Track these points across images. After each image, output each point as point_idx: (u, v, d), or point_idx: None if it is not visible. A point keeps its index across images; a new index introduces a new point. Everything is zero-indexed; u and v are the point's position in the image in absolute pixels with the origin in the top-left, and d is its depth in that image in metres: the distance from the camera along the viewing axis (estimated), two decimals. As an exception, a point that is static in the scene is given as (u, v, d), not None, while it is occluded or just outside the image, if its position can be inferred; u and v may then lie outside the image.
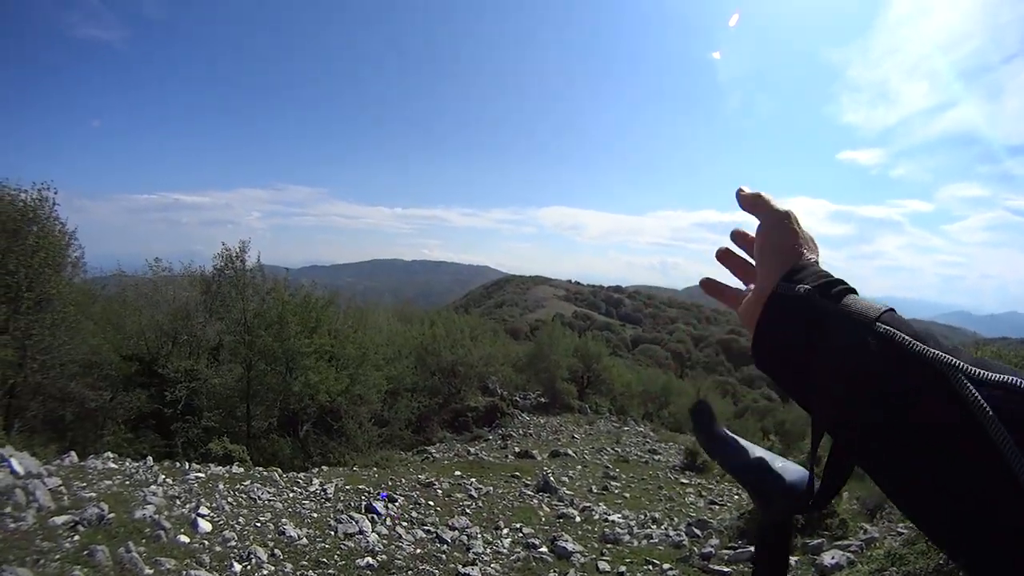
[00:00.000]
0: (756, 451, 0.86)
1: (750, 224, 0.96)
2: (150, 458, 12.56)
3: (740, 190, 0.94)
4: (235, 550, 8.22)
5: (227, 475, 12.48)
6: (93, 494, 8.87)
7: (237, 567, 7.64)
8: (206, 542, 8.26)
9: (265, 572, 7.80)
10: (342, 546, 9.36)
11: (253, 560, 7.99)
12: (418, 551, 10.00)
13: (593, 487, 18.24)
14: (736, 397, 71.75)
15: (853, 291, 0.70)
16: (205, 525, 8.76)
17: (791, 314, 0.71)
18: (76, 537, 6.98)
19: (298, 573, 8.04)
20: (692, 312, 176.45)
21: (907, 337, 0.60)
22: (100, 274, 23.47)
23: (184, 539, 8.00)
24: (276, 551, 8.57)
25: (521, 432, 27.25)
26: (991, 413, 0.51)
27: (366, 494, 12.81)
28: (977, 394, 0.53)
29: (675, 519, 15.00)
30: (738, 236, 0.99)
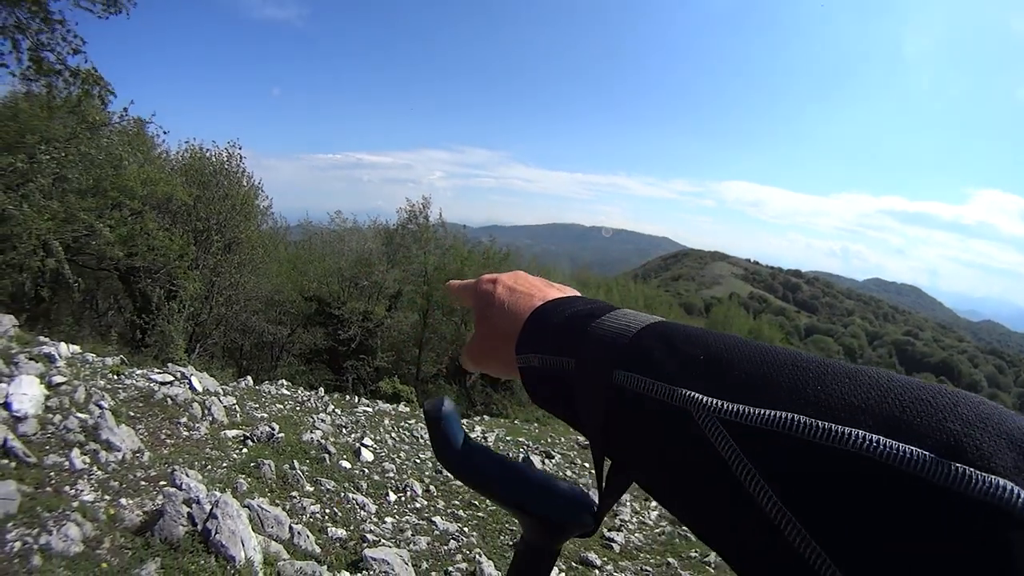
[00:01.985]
0: (529, 469, 0.70)
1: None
2: (321, 389, 13.05)
3: (448, 283, 0.93)
4: (392, 480, 8.33)
5: (393, 412, 12.84)
6: (265, 415, 9.27)
7: (392, 496, 7.70)
8: (366, 470, 8.40)
9: (418, 505, 7.82)
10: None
11: (408, 492, 8.05)
12: (567, 509, 9.81)
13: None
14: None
15: (602, 314, 0.64)
16: (367, 454, 8.96)
17: (536, 382, 0.67)
18: (244, 450, 7.25)
19: (449, 511, 8.00)
20: (870, 306, 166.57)
21: (645, 381, 0.54)
22: (288, 224, 24.87)
23: (346, 464, 8.16)
24: (431, 487, 8.60)
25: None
26: (738, 451, 0.46)
27: (525, 447, 12.82)
28: (729, 441, 0.47)
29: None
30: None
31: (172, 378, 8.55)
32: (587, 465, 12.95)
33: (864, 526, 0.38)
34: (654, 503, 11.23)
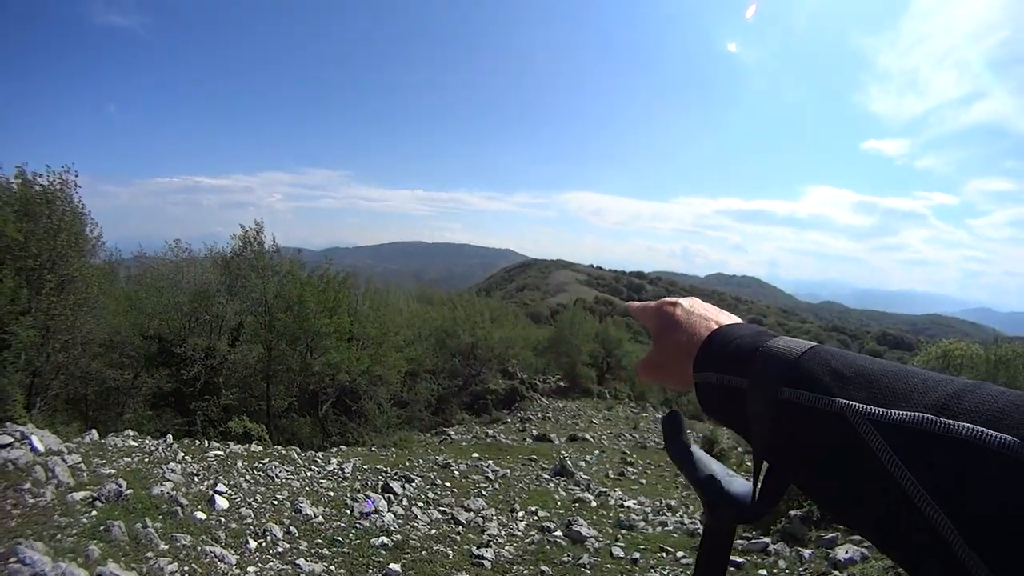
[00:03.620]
0: (712, 465, 0.94)
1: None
2: (170, 436, 12.61)
3: (628, 305, 1.12)
4: (251, 527, 8.31)
5: (246, 453, 12.57)
6: (112, 471, 8.97)
7: (252, 544, 7.71)
8: (223, 519, 8.34)
9: (280, 549, 7.86)
10: (357, 524, 9.45)
11: (268, 537, 8.07)
12: (433, 532, 10.06)
13: (610, 472, 18.33)
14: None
15: (771, 340, 0.80)
16: (222, 502, 8.86)
17: (712, 395, 0.83)
18: (93, 513, 7.05)
19: (312, 551, 8.09)
20: (713, 299, 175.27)
21: (809, 395, 0.69)
22: (122, 256, 23.65)
23: (201, 515, 8.08)
24: (292, 529, 8.64)
25: (540, 416, 27.34)
26: (892, 454, 0.59)
27: (383, 474, 12.88)
28: (881, 439, 0.61)
29: (690, 507, 14.99)
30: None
31: (11, 439, 8.13)
32: (448, 485, 13.26)
33: (987, 506, 0.53)
34: (520, 513, 11.71)
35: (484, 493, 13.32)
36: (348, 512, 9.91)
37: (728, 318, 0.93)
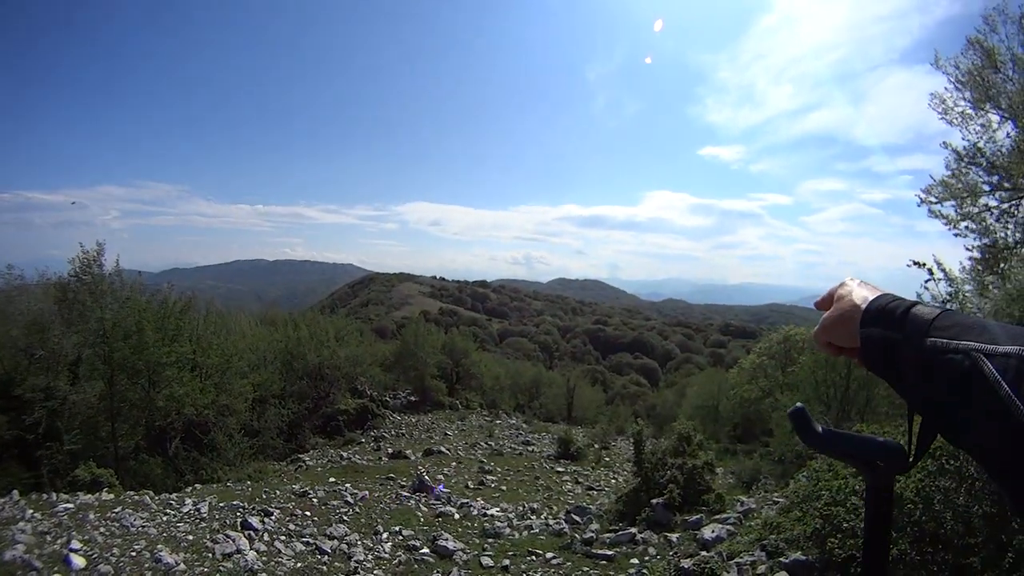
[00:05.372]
0: (855, 435, 1.13)
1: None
2: (15, 492, 12.07)
3: (815, 302, 1.30)
4: (112, 585, 8.25)
5: (97, 503, 12.14)
6: (-44, 540, 8.68)
7: (115, 603, 7.71)
8: (81, 579, 8.23)
9: (145, 606, 7.89)
10: (221, 568, 9.48)
11: (130, 593, 8.05)
12: (299, 565, 10.23)
13: (469, 483, 18.84)
14: (606, 384, 74.05)
15: (915, 305, 1.02)
16: (79, 561, 8.69)
17: (874, 350, 1.06)
18: (-57, 590, 6.91)
19: (176, 599, 8.16)
20: (557, 304, 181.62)
21: (943, 341, 0.91)
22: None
23: (58, 578, 7.98)
24: (152, 580, 8.62)
25: (393, 432, 27.67)
26: (998, 378, 0.81)
27: (240, 510, 12.79)
28: (992, 367, 0.82)
29: (554, 508, 15.76)
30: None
31: None
32: (308, 514, 13.31)
33: None
34: (385, 534, 11.96)
35: (346, 518, 13.50)
36: (210, 555, 9.92)
37: (881, 291, 1.14)
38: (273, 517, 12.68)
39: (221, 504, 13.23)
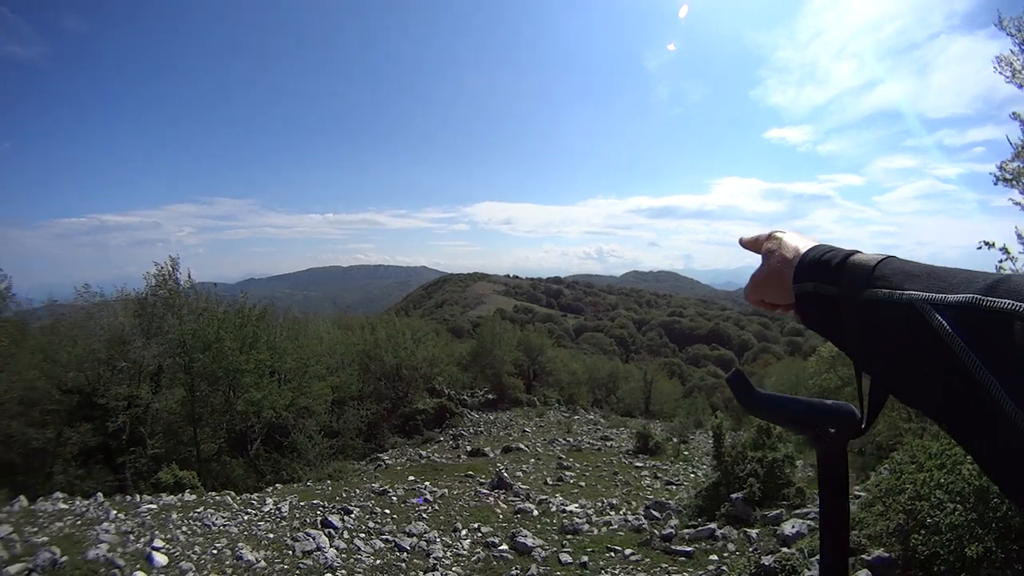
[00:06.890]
0: (801, 399, 1.04)
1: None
2: (100, 494, 12.33)
3: (740, 239, 1.25)
4: (193, 581, 8.28)
5: (179, 504, 12.37)
6: (45, 538, 8.85)
7: (197, 598, 7.71)
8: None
9: (225, 601, 7.88)
10: (300, 565, 9.43)
11: (212, 590, 8.06)
12: (378, 562, 10.12)
13: (548, 479, 18.47)
14: (683, 377, 72.86)
15: (854, 253, 0.96)
16: (161, 559, 8.77)
17: (810, 307, 1.00)
18: (31, 585, 7.00)
19: (260, 597, 8.12)
20: (632, 297, 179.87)
21: (886, 291, 0.85)
22: (32, 306, 22.82)
23: (140, 575, 8.04)
24: (235, 577, 8.64)
25: (472, 430, 27.50)
26: (950, 331, 0.74)
27: (320, 508, 12.84)
28: (942, 320, 0.75)
29: (633, 503, 15.36)
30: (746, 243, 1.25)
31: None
32: (387, 512, 13.27)
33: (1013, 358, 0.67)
34: (464, 531, 11.82)
35: (425, 516, 13.36)
36: (290, 553, 9.91)
37: (811, 241, 1.08)
38: (353, 515, 12.64)
39: (301, 503, 13.32)
